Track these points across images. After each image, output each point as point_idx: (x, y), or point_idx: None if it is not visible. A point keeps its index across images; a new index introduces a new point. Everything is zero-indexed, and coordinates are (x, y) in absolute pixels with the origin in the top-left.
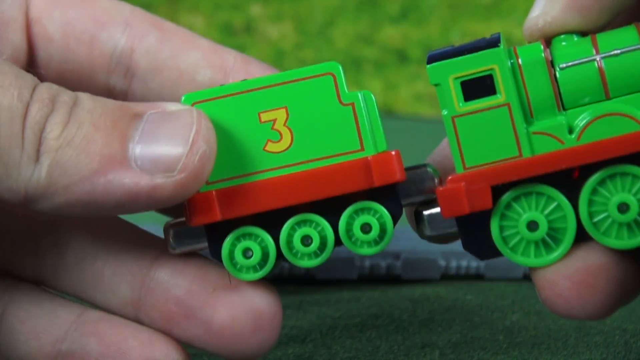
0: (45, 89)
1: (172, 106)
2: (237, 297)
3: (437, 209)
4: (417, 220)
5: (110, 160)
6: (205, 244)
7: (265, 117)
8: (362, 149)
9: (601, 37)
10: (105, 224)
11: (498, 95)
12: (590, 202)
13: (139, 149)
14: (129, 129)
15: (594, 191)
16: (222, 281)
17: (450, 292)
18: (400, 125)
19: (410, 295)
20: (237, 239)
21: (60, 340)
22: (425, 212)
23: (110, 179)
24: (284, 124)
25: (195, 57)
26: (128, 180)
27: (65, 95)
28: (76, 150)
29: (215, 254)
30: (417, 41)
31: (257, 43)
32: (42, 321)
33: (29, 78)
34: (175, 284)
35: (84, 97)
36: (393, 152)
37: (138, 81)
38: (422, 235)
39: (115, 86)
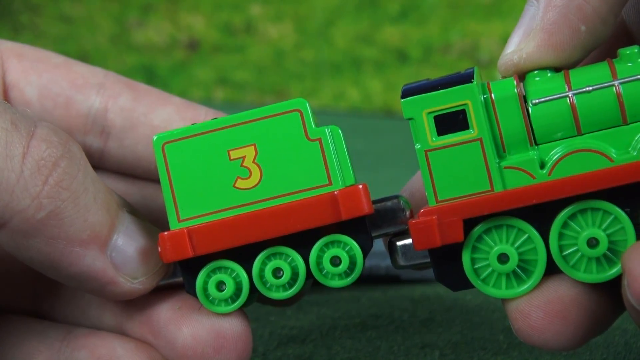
0: (53, 131)
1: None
2: (200, 316)
3: (410, 240)
4: (391, 251)
5: (96, 238)
6: (180, 279)
7: (234, 154)
8: (330, 183)
9: (574, 73)
10: None
11: (471, 130)
12: (561, 236)
13: (120, 242)
14: (117, 219)
15: (564, 224)
16: (191, 300)
17: (450, 292)
18: (400, 125)
19: (410, 295)
20: (213, 271)
21: (53, 358)
22: (399, 243)
23: (86, 253)
24: (253, 161)
25: (168, 112)
26: (99, 264)
27: (74, 146)
28: (77, 212)
29: (189, 289)
30: (417, 41)
31: (257, 43)
32: (33, 343)
33: (32, 117)
34: (147, 303)
35: (88, 162)
36: (360, 186)
37: (113, 139)
38: (396, 265)
39: (92, 146)
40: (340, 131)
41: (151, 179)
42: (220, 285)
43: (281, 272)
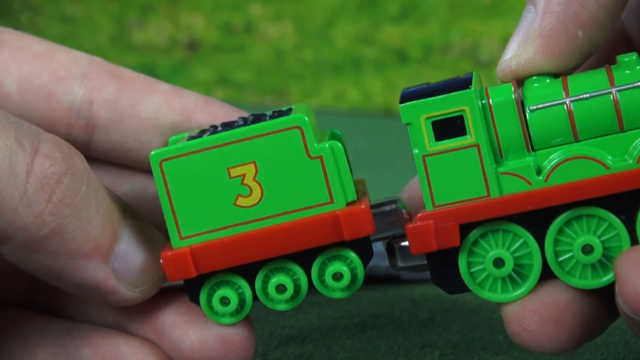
0: (56, 145)
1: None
2: (206, 321)
3: (408, 242)
4: (389, 253)
5: (97, 250)
6: (181, 281)
7: (234, 172)
8: (332, 201)
9: (572, 80)
10: None
11: (468, 136)
12: (556, 242)
13: (122, 252)
14: (119, 229)
15: (560, 231)
16: (195, 305)
17: None
18: (400, 125)
19: (410, 295)
20: (216, 285)
21: (57, 354)
22: (397, 245)
23: (89, 265)
24: (254, 179)
25: (156, 102)
26: (101, 274)
27: (77, 158)
28: (79, 227)
29: (193, 299)
30: (417, 41)
31: (257, 43)
32: (35, 338)
33: (35, 128)
34: (151, 305)
35: (91, 172)
36: (363, 206)
37: (100, 132)
38: (395, 267)
39: (77, 139)
40: (340, 146)
41: (140, 168)
42: (224, 300)
43: (284, 288)
